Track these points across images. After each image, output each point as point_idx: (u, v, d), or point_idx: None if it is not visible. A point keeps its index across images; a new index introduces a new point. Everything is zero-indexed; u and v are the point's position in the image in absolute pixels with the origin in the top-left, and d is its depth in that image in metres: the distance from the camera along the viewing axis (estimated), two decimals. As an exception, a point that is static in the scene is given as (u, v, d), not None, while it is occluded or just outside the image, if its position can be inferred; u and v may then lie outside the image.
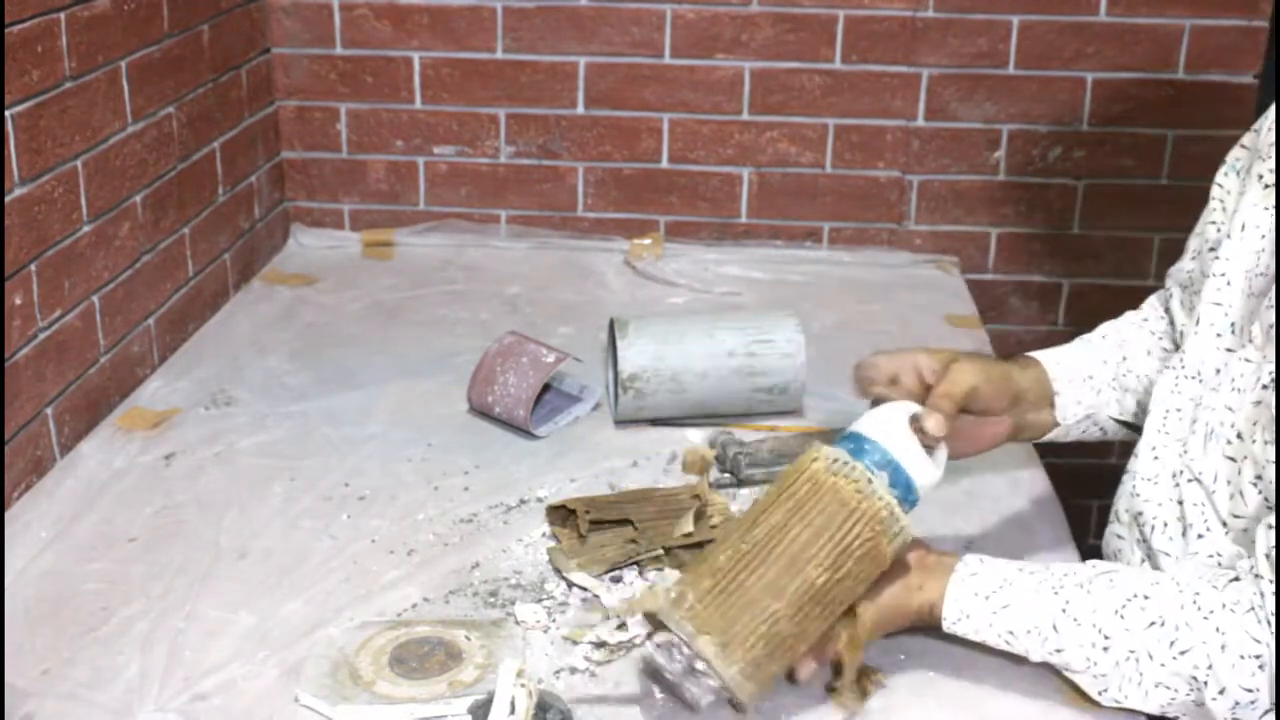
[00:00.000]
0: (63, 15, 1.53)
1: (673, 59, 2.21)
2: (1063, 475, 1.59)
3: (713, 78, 2.22)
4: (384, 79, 2.24)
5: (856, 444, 1.16)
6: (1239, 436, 1.16)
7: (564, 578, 1.31)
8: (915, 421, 1.18)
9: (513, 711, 1.07)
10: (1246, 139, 1.31)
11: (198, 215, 1.94)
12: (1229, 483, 1.16)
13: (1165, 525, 1.22)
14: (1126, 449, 1.34)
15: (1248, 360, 1.19)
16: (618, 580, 1.31)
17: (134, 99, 1.72)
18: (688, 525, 1.36)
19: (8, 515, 1.42)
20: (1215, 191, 1.32)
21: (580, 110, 2.25)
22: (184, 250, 1.90)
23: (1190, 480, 1.20)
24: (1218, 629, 1.06)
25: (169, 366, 1.82)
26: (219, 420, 1.66)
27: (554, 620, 1.26)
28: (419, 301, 2.07)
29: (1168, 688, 1.09)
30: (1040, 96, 2.22)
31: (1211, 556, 1.17)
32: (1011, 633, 1.15)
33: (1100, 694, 1.13)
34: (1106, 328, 1.43)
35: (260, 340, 1.91)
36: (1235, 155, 1.32)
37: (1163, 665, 1.08)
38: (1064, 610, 1.12)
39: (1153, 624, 1.09)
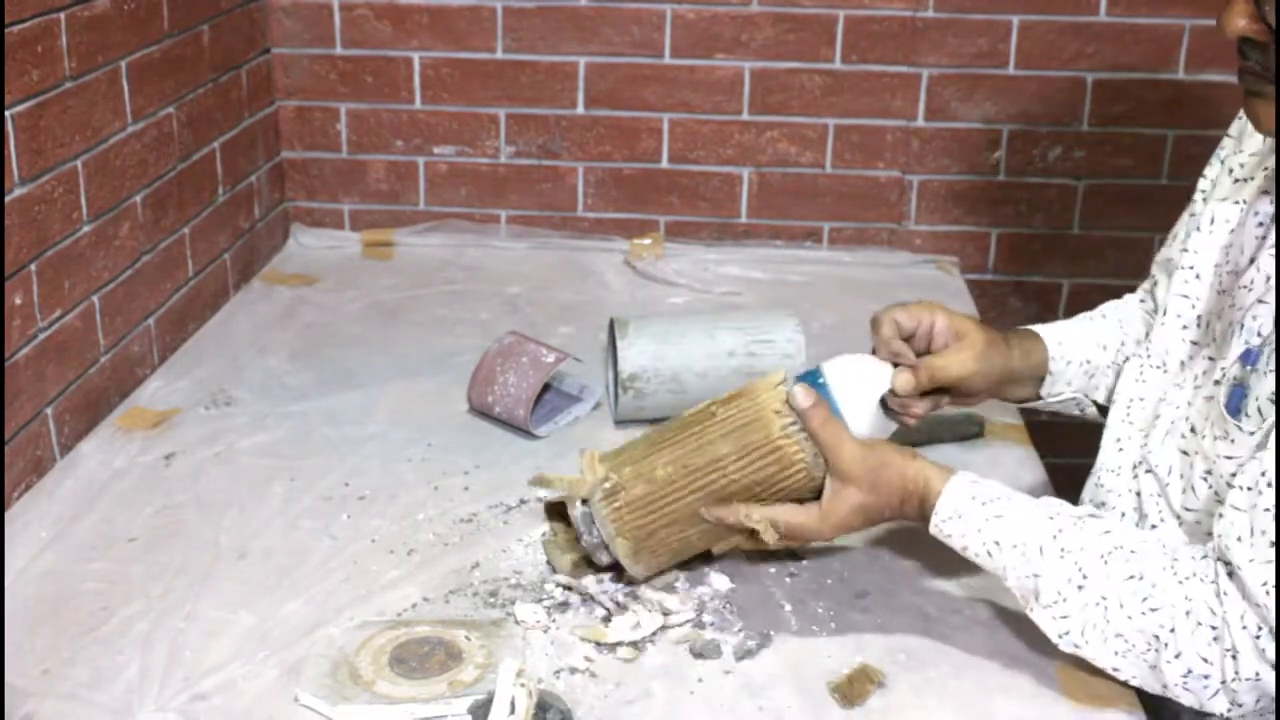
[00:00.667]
0: (63, 15, 1.53)
1: (673, 59, 2.21)
2: (1063, 475, 1.59)
3: (713, 78, 2.22)
4: (384, 79, 2.24)
5: (812, 385, 1.25)
6: (1192, 430, 1.18)
7: (558, 582, 1.31)
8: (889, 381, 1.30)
9: (513, 711, 1.07)
10: (1233, 128, 1.32)
11: (198, 215, 1.94)
12: (1182, 476, 1.19)
13: (1124, 516, 1.25)
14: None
15: (1210, 358, 1.21)
16: (616, 580, 1.31)
17: (134, 99, 1.72)
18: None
19: (8, 515, 1.42)
20: (1201, 183, 1.34)
21: (580, 110, 2.25)
22: (184, 250, 1.90)
23: (1147, 471, 1.23)
24: (1187, 596, 1.08)
25: (169, 366, 1.82)
26: (219, 420, 1.66)
27: (554, 620, 1.26)
28: (419, 301, 2.07)
29: (1126, 640, 1.10)
30: (1040, 96, 2.22)
31: (1163, 545, 1.17)
32: (997, 543, 1.15)
33: (1060, 636, 1.14)
34: (1108, 307, 1.46)
35: (260, 340, 1.91)
36: (1221, 145, 1.33)
37: (1130, 618, 1.10)
38: (1054, 537, 1.14)
39: (1132, 577, 1.11)
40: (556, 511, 1.41)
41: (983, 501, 1.18)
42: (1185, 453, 1.19)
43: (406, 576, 1.33)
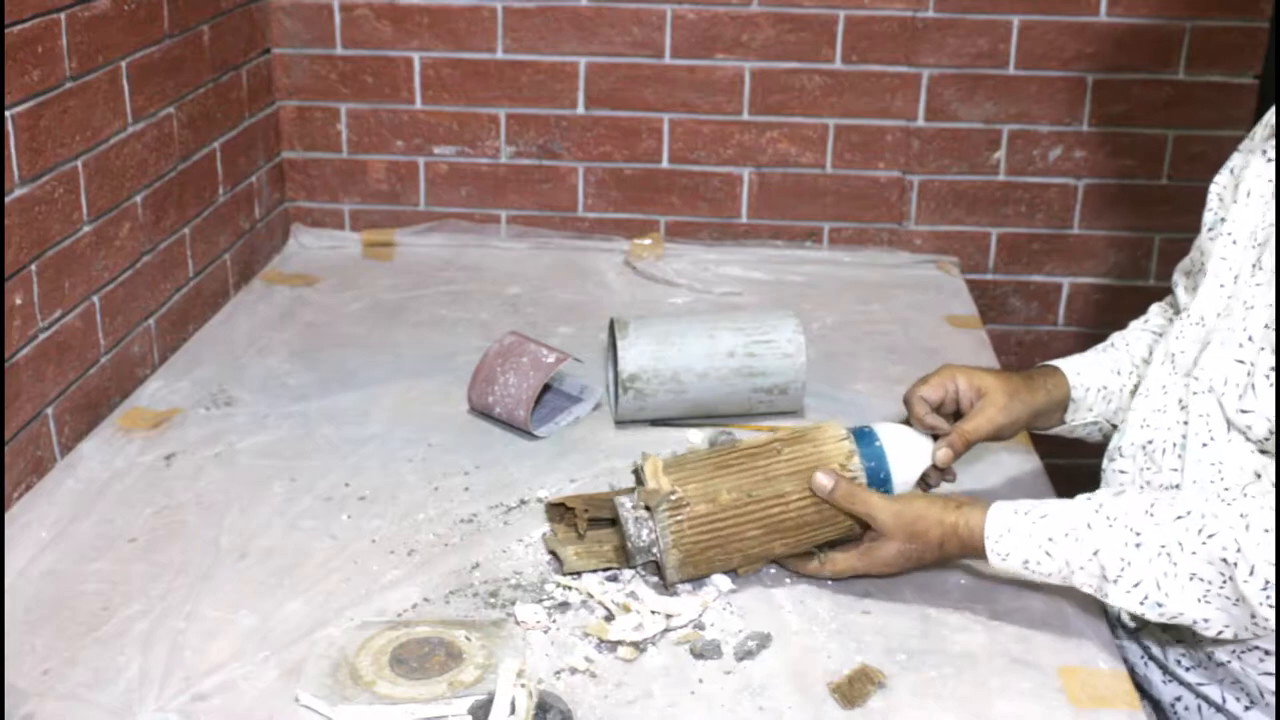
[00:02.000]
0: (63, 15, 1.53)
1: (673, 59, 2.21)
2: (1063, 475, 1.59)
3: (713, 78, 2.22)
4: (384, 79, 2.24)
5: (869, 446, 1.34)
6: (1250, 339, 1.21)
7: (558, 582, 1.31)
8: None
9: (513, 712, 1.07)
10: (1243, 144, 1.37)
11: (198, 215, 1.94)
12: (1238, 384, 1.21)
13: (1174, 446, 1.28)
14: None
15: (1259, 285, 1.24)
16: (614, 580, 1.31)
17: (134, 99, 1.72)
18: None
19: (8, 515, 1.42)
20: (1212, 188, 1.39)
21: (580, 110, 2.25)
22: (184, 250, 1.90)
23: (1196, 394, 1.25)
24: (1241, 513, 1.11)
25: (169, 367, 1.82)
26: (219, 420, 1.66)
27: (554, 621, 1.26)
28: (419, 302, 2.07)
29: (1202, 579, 1.13)
30: (1040, 96, 2.22)
31: (1213, 465, 1.23)
32: (1050, 539, 1.20)
33: (1142, 603, 1.16)
34: (1115, 337, 1.51)
35: (260, 340, 1.91)
36: (1231, 159, 1.38)
37: (1194, 553, 1.12)
38: (1097, 511, 1.18)
39: (1180, 516, 1.14)
40: (557, 513, 1.41)
41: (1024, 511, 1.23)
42: (1241, 361, 1.22)
43: (407, 577, 1.33)
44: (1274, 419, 1.17)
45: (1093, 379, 1.45)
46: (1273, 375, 1.18)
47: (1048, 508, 1.22)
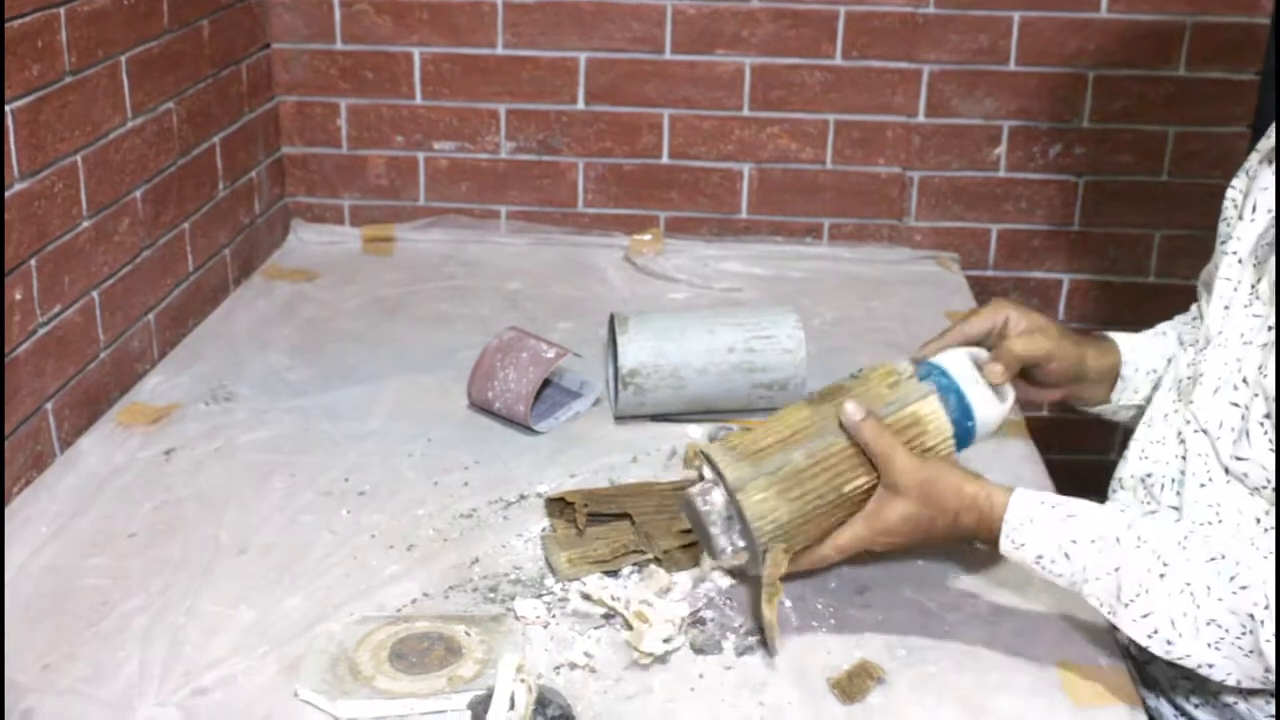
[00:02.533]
0: (62, 10, 1.53)
1: (673, 54, 2.21)
2: (1063, 474, 1.59)
3: (713, 73, 2.22)
4: (384, 74, 2.24)
5: (937, 377, 1.25)
6: (1245, 382, 1.18)
7: (553, 571, 1.31)
8: (977, 364, 1.27)
9: (512, 707, 1.07)
10: (1261, 143, 1.34)
11: (198, 211, 1.94)
12: (1233, 429, 1.18)
13: (1173, 481, 1.24)
14: (1127, 445, 1.35)
15: (1256, 315, 1.21)
16: (612, 576, 1.31)
17: (134, 94, 1.72)
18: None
19: (8, 511, 1.42)
20: (1229, 194, 1.35)
21: (581, 106, 2.25)
22: (184, 246, 1.90)
23: (1196, 431, 1.22)
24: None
25: (169, 362, 1.82)
26: (219, 416, 1.66)
27: (554, 616, 1.26)
28: (419, 297, 2.07)
29: (1220, 626, 1.08)
30: (1041, 93, 2.21)
31: (1210, 506, 1.19)
32: (1074, 541, 1.13)
33: (1150, 637, 1.10)
34: (1165, 326, 1.45)
35: (260, 336, 1.91)
36: (1248, 161, 1.35)
37: (1220, 600, 1.07)
38: (1129, 527, 1.13)
39: (1214, 558, 1.09)
40: (557, 508, 1.41)
41: (1052, 505, 1.16)
42: (1236, 405, 1.19)
43: (406, 572, 1.33)
44: (1273, 470, 1.13)
45: (1144, 360, 1.39)
46: (1267, 423, 1.14)
47: (1076, 507, 1.16)
